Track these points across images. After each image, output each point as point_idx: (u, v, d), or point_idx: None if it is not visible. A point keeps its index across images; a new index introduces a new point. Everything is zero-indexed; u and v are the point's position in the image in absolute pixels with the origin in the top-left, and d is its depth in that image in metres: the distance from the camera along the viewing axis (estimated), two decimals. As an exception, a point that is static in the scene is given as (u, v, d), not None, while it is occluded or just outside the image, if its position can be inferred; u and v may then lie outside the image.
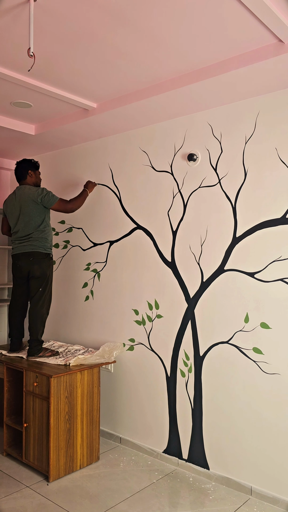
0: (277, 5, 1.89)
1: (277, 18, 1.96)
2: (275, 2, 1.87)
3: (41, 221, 3.28)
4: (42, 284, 3.28)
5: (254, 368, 2.69)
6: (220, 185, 2.86)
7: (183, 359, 3.05)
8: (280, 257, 2.58)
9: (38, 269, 3.26)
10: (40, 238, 3.28)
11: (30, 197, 3.26)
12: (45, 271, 3.29)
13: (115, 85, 2.75)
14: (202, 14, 1.98)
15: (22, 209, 3.28)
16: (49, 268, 3.34)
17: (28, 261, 3.27)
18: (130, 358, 3.38)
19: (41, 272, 3.27)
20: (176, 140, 3.11)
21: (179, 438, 3.07)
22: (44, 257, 3.29)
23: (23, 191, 3.32)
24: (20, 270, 3.31)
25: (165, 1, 1.89)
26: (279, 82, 2.49)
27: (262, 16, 1.95)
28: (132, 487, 2.81)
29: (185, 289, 3.04)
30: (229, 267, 2.81)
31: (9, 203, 3.40)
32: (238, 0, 1.85)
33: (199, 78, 2.51)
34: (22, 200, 3.29)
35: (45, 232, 3.31)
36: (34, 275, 3.27)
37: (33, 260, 3.26)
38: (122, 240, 3.46)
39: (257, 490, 2.67)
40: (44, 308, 3.31)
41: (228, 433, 2.82)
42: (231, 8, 1.93)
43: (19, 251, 3.30)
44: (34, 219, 3.26)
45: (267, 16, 1.94)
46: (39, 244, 3.28)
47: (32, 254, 3.26)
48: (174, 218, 3.11)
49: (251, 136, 2.72)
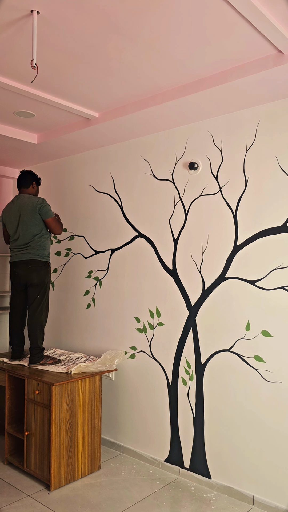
0: (276, 16, 1.92)
1: (276, 29, 1.99)
2: (274, 14, 1.90)
3: (40, 230, 3.32)
4: (40, 291, 3.31)
5: (255, 376, 2.69)
6: (221, 193, 2.88)
7: (184, 367, 3.05)
8: (281, 265, 2.59)
9: (36, 277, 3.30)
10: (38, 246, 3.32)
11: (30, 205, 3.30)
12: (43, 279, 3.33)
13: (117, 95, 2.78)
14: (202, 25, 2.01)
15: (21, 217, 3.31)
16: (47, 276, 3.37)
17: (26, 269, 3.30)
18: (132, 366, 3.37)
19: (39, 280, 3.31)
20: (177, 149, 3.13)
21: (180, 446, 3.06)
22: (42, 265, 3.33)
23: (22, 200, 3.36)
24: (18, 277, 3.34)
25: (166, 13, 1.92)
26: (279, 91, 2.52)
27: (261, 27, 1.98)
28: (134, 496, 2.80)
29: (186, 297, 3.05)
30: (230, 275, 2.82)
31: (8, 211, 3.43)
32: (237, 11, 1.88)
33: (200, 88, 2.54)
34: (21, 208, 3.32)
35: (43, 240, 3.35)
36: (32, 283, 3.30)
37: (31, 268, 3.30)
38: (123, 248, 3.47)
39: (259, 499, 2.65)
40: (42, 316, 3.34)
41: (230, 442, 2.81)
42: (231, 20, 1.96)
43: (18, 259, 3.34)
44: (32, 227, 3.30)
45: (266, 27, 1.97)
46: (37, 252, 3.31)
47: (30, 262, 3.30)
48: (175, 226, 3.13)
49: (252, 144, 2.74)
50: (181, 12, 1.92)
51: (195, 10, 1.90)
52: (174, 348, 3.11)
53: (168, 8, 1.89)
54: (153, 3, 1.87)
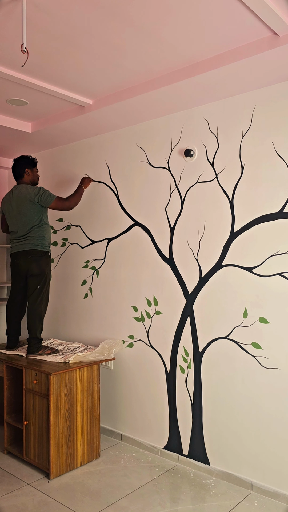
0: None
1: (271, 11, 1.95)
2: (269, -5, 1.87)
3: (39, 220, 3.29)
4: (40, 281, 3.29)
5: (253, 363, 2.69)
6: (217, 180, 2.86)
7: (182, 355, 3.05)
8: (278, 252, 2.58)
9: (36, 267, 3.27)
10: (37, 236, 3.29)
11: (27, 197, 3.26)
12: (43, 269, 3.30)
13: (111, 81, 2.74)
14: (196, 8, 1.97)
15: (19, 208, 3.29)
16: (47, 266, 3.35)
17: (26, 260, 3.28)
18: (130, 355, 3.37)
19: (39, 270, 3.28)
20: (173, 136, 3.10)
21: (179, 434, 3.08)
22: (42, 255, 3.30)
23: (20, 190, 3.33)
24: (18, 268, 3.32)
25: (158, -5, 1.88)
26: (275, 75, 2.48)
27: (256, 9, 1.93)
28: (133, 483, 2.82)
29: (183, 285, 3.04)
30: (227, 262, 2.80)
31: (7, 202, 3.40)
32: (232, -8, 1.84)
33: (195, 72, 2.50)
34: (19, 200, 3.29)
35: (43, 230, 3.32)
36: (32, 273, 3.28)
37: (31, 258, 3.27)
38: (120, 237, 3.45)
39: (258, 484, 2.67)
40: (42, 306, 3.32)
41: (228, 428, 2.82)
42: (225, 2, 1.91)
43: (18, 250, 3.32)
44: (31, 218, 3.27)
45: (261, 9, 1.93)
46: (37, 242, 3.28)
47: (30, 253, 3.28)
48: (172, 214, 3.11)
49: (248, 130, 2.71)
50: None
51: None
52: (171, 336, 3.11)
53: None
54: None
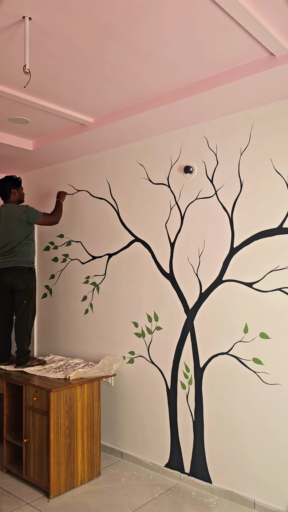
0: (267, 20, 1.94)
1: (267, 32, 2.00)
2: (266, 17, 1.92)
3: (25, 237, 3.46)
4: (26, 297, 3.42)
5: (254, 379, 2.68)
6: (217, 197, 2.89)
7: (183, 371, 3.03)
8: (277, 267, 2.59)
9: (22, 283, 3.42)
10: (21, 252, 3.44)
11: (15, 215, 3.44)
12: (28, 284, 3.44)
13: (111, 100, 2.79)
14: (193, 29, 2.02)
15: (7, 226, 3.45)
16: (32, 281, 3.49)
17: (11, 276, 3.43)
18: (130, 371, 3.36)
19: (25, 286, 3.43)
20: (173, 153, 3.14)
21: (180, 451, 3.04)
22: (26, 271, 3.45)
23: (8, 209, 3.49)
24: (4, 284, 3.46)
25: (157, 18, 1.93)
26: (272, 94, 2.53)
27: (253, 30, 1.99)
28: (134, 502, 2.78)
29: (184, 300, 3.04)
30: (227, 277, 2.81)
31: None
32: (229, 15, 1.89)
33: (193, 92, 2.55)
34: (7, 218, 3.46)
35: (28, 247, 3.47)
36: (17, 289, 3.42)
37: (16, 275, 3.42)
38: (120, 252, 3.47)
39: (261, 503, 2.64)
40: (29, 320, 3.46)
41: (230, 446, 2.79)
42: (223, 24, 1.97)
43: (3, 266, 3.46)
44: (19, 235, 3.43)
45: (258, 31, 1.99)
46: (21, 259, 3.43)
47: (15, 269, 3.42)
48: (172, 230, 3.13)
49: (246, 147, 2.75)
50: (173, 17, 1.93)
51: (186, 14, 1.91)
52: (172, 352, 3.10)
53: (160, 13, 1.90)
54: (144, 8, 1.88)
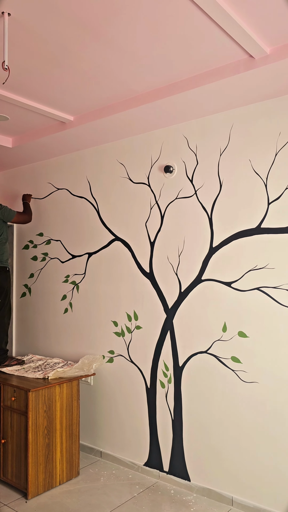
0: (246, 22, 1.96)
1: (247, 35, 2.02)
2: (245, 19, 1.94)
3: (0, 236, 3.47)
4: (1, 296, 3.40)
5: (232, 377, 2.71)
6: (196, 196, 2.91)
7: (162, 370, 3.05)
8: (256, 267, 2.63)
9: None
10: None
11: None
12: (2, 284, 3.43)
13: (92, 98, 2.78)
14: (173, 30, 2.03)
15: None
16: (7, 281, 3.47)
17: None
18: (110, 370, 3.35)
19: None
20: (153, 152, 3.15)
21: (159, 450, 3.06)
22: (0, 270, 3.43)
23: None
24: None
25: (138, 17, 1.94)
26: (251, 96, 2.56)
27: (232, 32, 2.01)
28: (113, 501, 2.78)
29: (163, 299, 3.06)
30: (207, 277, 2.84)
31: None
32: (209, 17, 1.91)
33: (173, 92, 2.56)
34: None
35: (1, 246, 3.45)
36: None
37: None
38: (100, 251, 3.46)
39: (238, 500, 2.67)
40: (5, 318, 3.45)
41: (209, 444, 2.82)
42: (202, 25, 1.98)
43: None
44: None
45: (237, 32, 2.01)
46: None
47: None
48: (152, 229, 3.14)
49: (226, 148, 2.78)
50: (153, 16, 1.93)
51: (166, 15, 1.92)
52: (152, 351, 3.11)
53: (140, 12, 1.91)
54: (125, 8, 1.88)
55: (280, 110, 2.56)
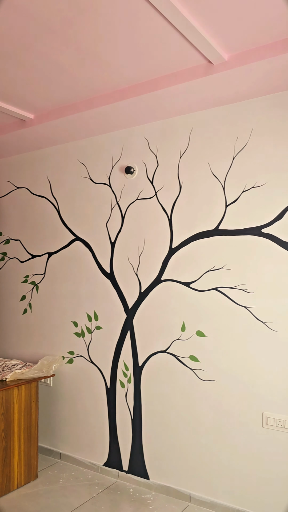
0: (205, 28, 2.01)
1: (205, 41, 2.07)
2: (204, 25, 1.98)
3: None
4: None
5: (191, 376, 2.76)
6: (157, 198, 2.94)
7: (122, 370, 3.06)
8: (213, 267, 2.69)
9: None
10: None
11: None
12: None
13: (53, 97, 2.75)
14: (133, 33, 2.05)
15: None
16: None
17: None
18: (70, 371, 3.33)
19: None
20: (114, 153, 3.16)
21: (119, 450, 3.07)
22: None
23: None
24: None
25: (98, 18, 1.94)
26: (210, 100, 2.62)
27: (191, 38, 2.05)
28: (72, 503, 2.76)
29: (123, 300, 3.07)
30: (166, 277, 2.88)
31: None
32: (168, 21, 1.94)
33: (134, 93, 2.58)
34: None
35: None
36: None
37: None
38: (60, 251, 3.43)
39: (196, 496, 2.72)
40: None
41: (167, 442, 2.86)
42: (162, 29, 2.01)
43: None
44: None
45: (196, 39, 2.05)
46: None
47: None
48: (113, 229, 3.15)
49: (185, 151, 2.83)
50: (113, 18, 1.95)
51: (128, 18, 1.94)
52: (112, 351, 3.12)
53: (103, 14, 1.91)
54: (88, 9, 1.88)
55: (237, 115, 2.63)
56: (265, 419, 2.49)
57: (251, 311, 2.54)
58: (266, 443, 2.49)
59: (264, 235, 2.51)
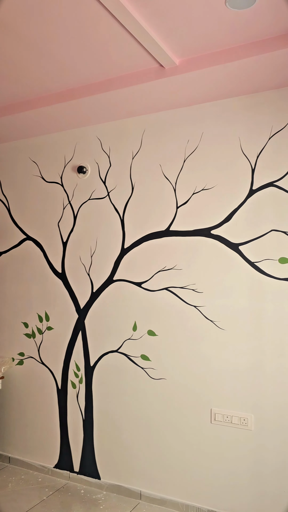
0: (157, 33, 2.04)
1: (157, 45, 2.10)
2: (156, 30, 2.01)
3: None
4: None
5: (142, 375, 2.79)
6: (109, 198, 2.95)
7: (74, 371, 3.04)
8: (164, 267, 2.73)
9: None
10: None
11: None
12: None
13: (5, 93, 2.69)
14: (87, 33, 2.05)
15: None
16: None
17: None
18: (20, 372, 3.27)
19: None
20: (66, 152, 3.13)
21: (70, 451, 3.05)
22: None
23: None
24: None
25: (52, 17, 1.93)
26: (162, 103, 2.66)
27: (144, 42, 2.07)
28: (22, 507, 2.71)
29: (75, 300, 3.05)
30: (118, 277, 2.89)
31: None
32: (121, 24, 1.96)
33: (88, 93, 2.58)
34: None
35: None
36: None
37: None
38: (11, 251, 3.36)
39: (146, 493, 2.76)
40: None
41: (119, 441, 2.87)
42: (115, 31, 2.02)
43: None
44: None
45: (148, 42, 2.08)
46: None
47: None
48: (64, 229, 3.12)
49: (138, 152, 2.85)
50: (67, 18, 1.94)
51: (83, 19, 1.93)
52: (63, 352, 3.09)
53: (54, 12, 1.90)
54: (44, 9, 1.87)
55: (189, 119, 2.69)
56: (213, 415, 2.56)
57: (200, 311, 2.61)
58: (214, 438, 2.56)
59: (213, 236, 2.59)
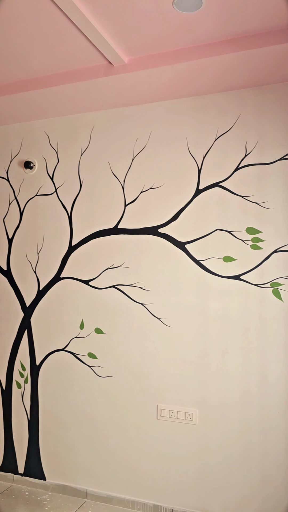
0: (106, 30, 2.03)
1: (106, 42, 2.10)
2: (105, 27, 2.01)
3: None
4: None
5: (89, 373, 2.78)
6: (57, 194, 2.91)
7: (19, 370, 2.98)
8: (112, 265, 2.73)
9: None
10: None
11: None
12: None
13: None
14: (35, 26, 2.01)
15: None
16: None
17: None
18: None
19: None
20: (13, 146, 3.05)
21: (14, 452, 2.98)
22: None
23: None
24: None
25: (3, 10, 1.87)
26: (111, 101, 2.66)
27: (92, 38, 2.06)
28: None
29: (21, 298, 2.99)
30: (65, 275, 2.86)
31: None
32: (70, 20, 1.93)
33: (35, 87, 2.52)
34: None
35: None
36: None
37: None
38: None
39: (92, 492, 2.75)
40: None
41: (64, 441, 2.84)
42: (63, 26, 2.00)
43: None
44: None
45: (97, 39, 2.07)
46: None
47: None
48: (10, 225, 3.04)
49: (86, 149, 2.83)
50: (13, 10, 1.88)
51: (27, 10, 1.89)
52: (8, 351, 3.01)
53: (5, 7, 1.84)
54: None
55: (137, 118, 2.70)
56: (159, 411, 2.60)
57: (147, 308, 2.64)
58: (160, 433, 2.60)
59: (161, 234, 2.62)
